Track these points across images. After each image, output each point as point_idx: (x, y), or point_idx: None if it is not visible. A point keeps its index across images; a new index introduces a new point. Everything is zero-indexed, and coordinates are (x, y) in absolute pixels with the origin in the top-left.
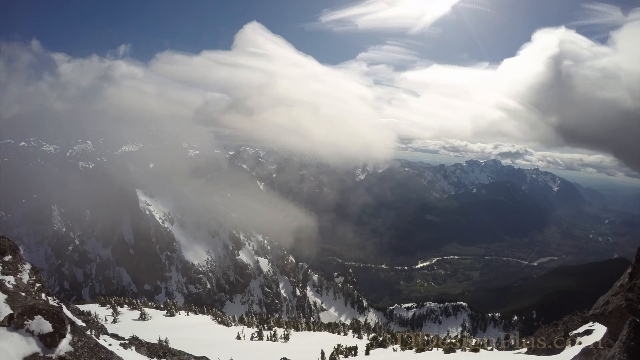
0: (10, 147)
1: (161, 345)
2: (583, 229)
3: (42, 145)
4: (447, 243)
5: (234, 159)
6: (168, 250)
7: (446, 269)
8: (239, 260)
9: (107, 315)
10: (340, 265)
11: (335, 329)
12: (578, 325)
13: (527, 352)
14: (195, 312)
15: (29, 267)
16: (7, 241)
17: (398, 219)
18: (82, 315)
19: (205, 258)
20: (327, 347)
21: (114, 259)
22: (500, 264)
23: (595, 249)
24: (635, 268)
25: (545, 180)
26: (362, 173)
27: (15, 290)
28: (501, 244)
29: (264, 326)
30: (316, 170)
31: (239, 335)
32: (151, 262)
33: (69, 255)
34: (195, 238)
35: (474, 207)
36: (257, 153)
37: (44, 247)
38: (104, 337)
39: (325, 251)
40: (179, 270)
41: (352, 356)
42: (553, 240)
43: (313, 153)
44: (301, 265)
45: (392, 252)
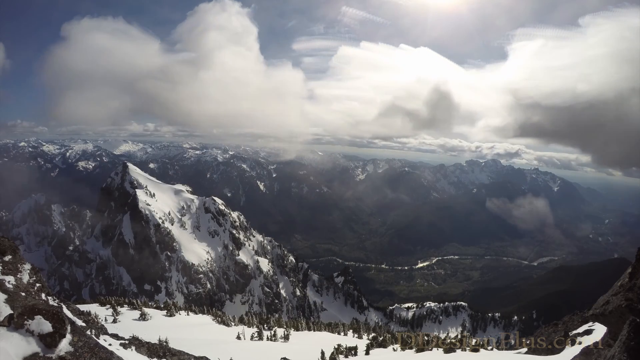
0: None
1: (161, 345)
2: (583, 229)
3: (42, 145)
4: (447, 243)
5: (234, 159)
6: (168, 250)
7: (446, 269)
8: (239, 260)
9: (107, 315)
10: (340, 265)
11: (335, 329)
12: (578, 325)
13: (527, 352)
14: (195, 312)
15: (29, 267)
16: (7, 241)
17: (398, 219)
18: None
19: (205, 258)
20: (327, 347)
21: (114, 259)
22: (500, 264)
23: (595, 249)
24: (635, 268)
25: (545, 180)
26: (362, 173)
27: (15, 290)
28: (501, 244)
29: (264, 326)
30: (316, 170)
31: (239, 335)
32: (151, 262)
33: (69, 255)
34: (195, 238)
35: (474, 207)
36: (257, 153)
37: (44, 247)
38: (104, 337)
39: (325, 251)
40: (179, 270)
41: (352, 356)
42: (553, 240)
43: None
44: (301, 265)
45: (392, 252)
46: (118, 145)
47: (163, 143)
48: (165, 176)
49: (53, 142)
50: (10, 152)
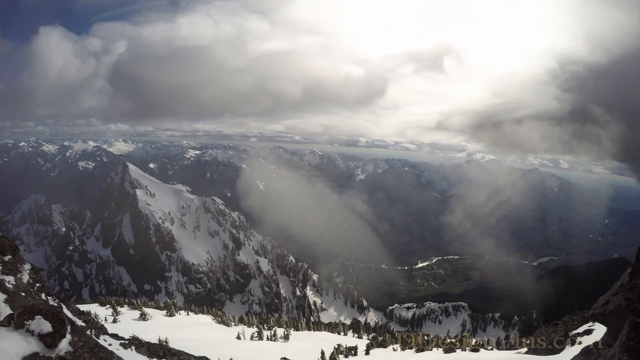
0: (10, 147)
1: (161, 345)
2: (583, 229)
3: (42, 145)
4: (447, 243)
5: (234, 159)
6: (168, 250)
7: (446, 269)
8: (239, 260)
9: (107, 315)
10: (340, 265)
11: (335, 329)
12: (578, 325)
13: (527, 352)
14: (195, 312)
15: (29, 267)
16: (7, 241)
17: (398, 219)
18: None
19: (205, 258)
20: (327, 347)
21: (114, 259)
22: (500, 264)
23: (595, 249)
24: (635, 268)
25: (545, 180)
26: (362, 173)
27: (15, 290)
28: (501, 244)
29: (264, 326)
30: (315, 169)
31: (239, 335)
32: (151, 262)
33: (69, 255)
34: (195, 238)
35: (474, 206)
36: (257, 153)
37: (44, 247)
38: (104, 337)
39: (325, 251)
40: (179, 270)
41: (352, 356)
42: (553, 240)
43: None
44: (301, 265)
45: (392, 252)
46: (118, 145)
47: (163, 143)
48: (165, 176)
49: (53, 142)
50: (10, 152)
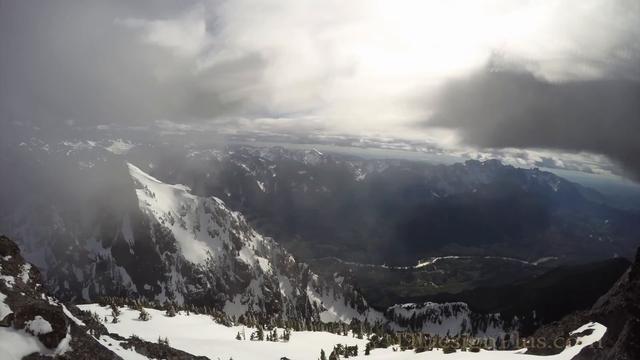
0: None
1: (161, 345)
2: (583, 229)
3: (42, 145)
4: (447, 243)
5: (234, 159)
6: (168, 250)
7: (446, 269)
8: (239, 260)
9: (107, 315)
10: (340, 265)
11: (335, 329)
12: (578, 325)
13: (527, 352)
14: (195, 312)
15: (29, 267)
16: (7, 241)
17: (398, 219)
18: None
19: (205, 258)
20: (327, 347)
21: (113, 259)
22: (500, 264)
23: (595, 249)
24: (635, 268)
25: (545, 180)
26: (362, 173)
27: (15, 290)
28: (501, 244)
29: (264, 326)
30: (316, 169)
31: (239, 335)
32: (151, 262)
33: (69, 255)
34: (195, 238)
35: (474, 207)
36: (257, 153)
37: (44, 247)
38: (104, 337)
39: (326, 251)
40: (179, 270)
41: (352, 356)
42: (553, 240)
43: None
44: (301, 265)
45: (392, 252)
46: (117, 145)
47: (163, 143)
48: (165, 176)
49: (53, 142)
50: (10, 152)
